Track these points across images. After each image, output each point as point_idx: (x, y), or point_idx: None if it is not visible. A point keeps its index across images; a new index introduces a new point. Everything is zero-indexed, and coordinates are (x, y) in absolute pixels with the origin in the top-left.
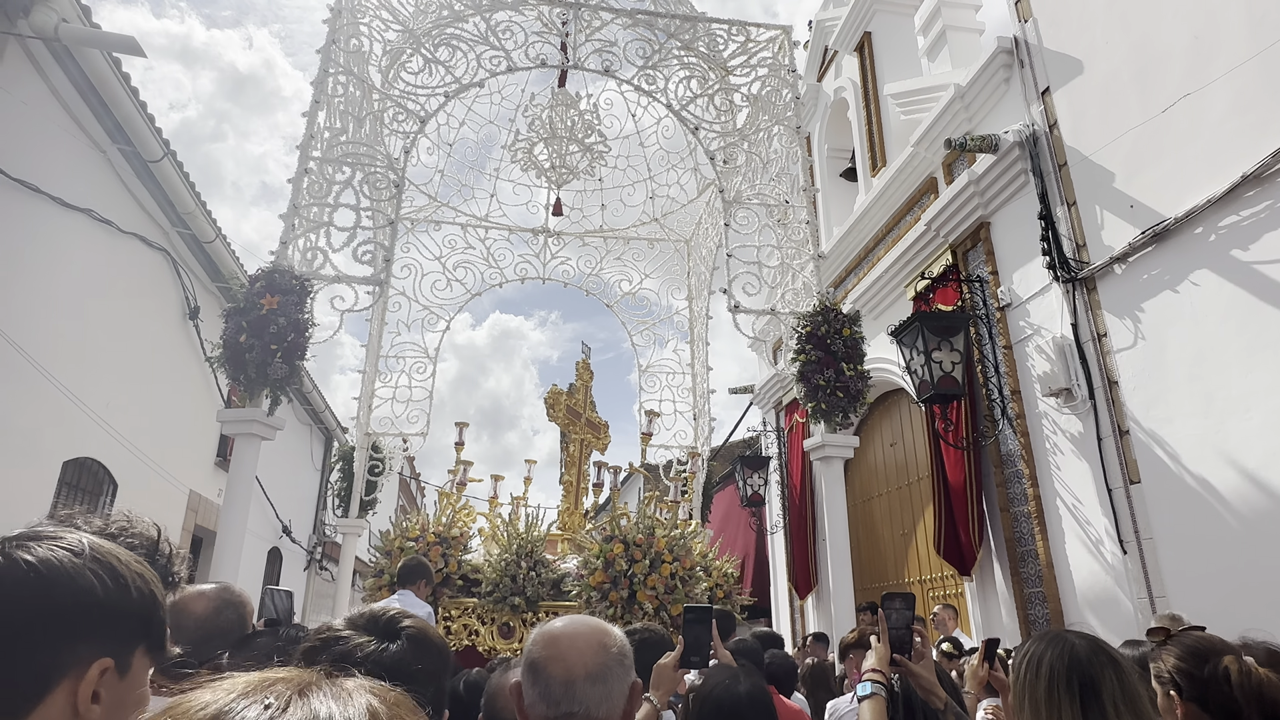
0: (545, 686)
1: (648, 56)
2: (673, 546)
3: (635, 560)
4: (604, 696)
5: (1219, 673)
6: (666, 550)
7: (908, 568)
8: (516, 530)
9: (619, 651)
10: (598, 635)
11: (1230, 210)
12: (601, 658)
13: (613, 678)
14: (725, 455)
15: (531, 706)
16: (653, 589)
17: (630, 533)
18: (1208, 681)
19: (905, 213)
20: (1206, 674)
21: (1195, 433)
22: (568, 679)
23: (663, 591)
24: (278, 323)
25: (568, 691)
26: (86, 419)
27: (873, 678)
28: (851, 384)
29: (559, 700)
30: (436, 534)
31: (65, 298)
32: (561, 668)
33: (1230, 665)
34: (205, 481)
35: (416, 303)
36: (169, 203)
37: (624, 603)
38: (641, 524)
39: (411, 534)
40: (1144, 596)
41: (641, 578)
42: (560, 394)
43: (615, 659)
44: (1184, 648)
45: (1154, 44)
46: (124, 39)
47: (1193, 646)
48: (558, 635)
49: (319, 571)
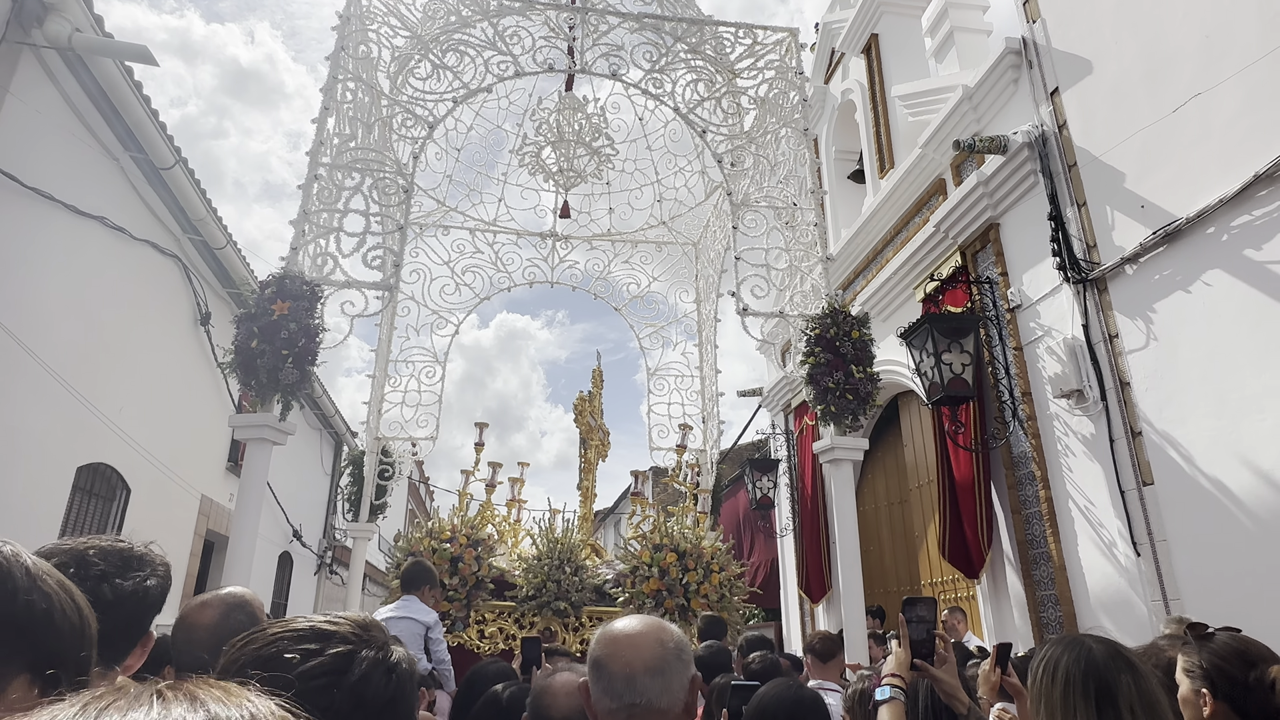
0: (608, 682)
1: (655, 60)
2: (717, 555)
3: (689, 569)
4: (664, 688)
5: (1265, 681)
6: (712, 559)
7: (919, 570)
8: (553, 535)
9: (676, 646)
10: (655, 632)
11: (1242, 210)
12: (659, 652)
13: (671, 671)
14: (734, 458)
15: (597, 701)
16: (705, 597)
17: (681, 543)
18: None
19: (914, 214)
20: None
21: (1209, 434)
22: (629, 674)
23: (715, 600)
24: (289, 328)
25: (629, 685)
26: (100, 424)
27: (892, 682)
28: (861, 386)
29: (621, 693)
30: (468, 536)
31: (78, 304)
32: (622, 663)
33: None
34: (217, 486)
35: (425, 307)
36: (180, 209)
37: (679, 610)
38: (689, 535)
39: (443, 535)
40: (1158, 599)
41: (695, 586)
42: (585, 400)
43: (673, 653)
44: (1227, 647)
45: (1164, 43)
46: (137, 48)
47: (1237, 649)
48: (617, 634)
49: (329, 576)
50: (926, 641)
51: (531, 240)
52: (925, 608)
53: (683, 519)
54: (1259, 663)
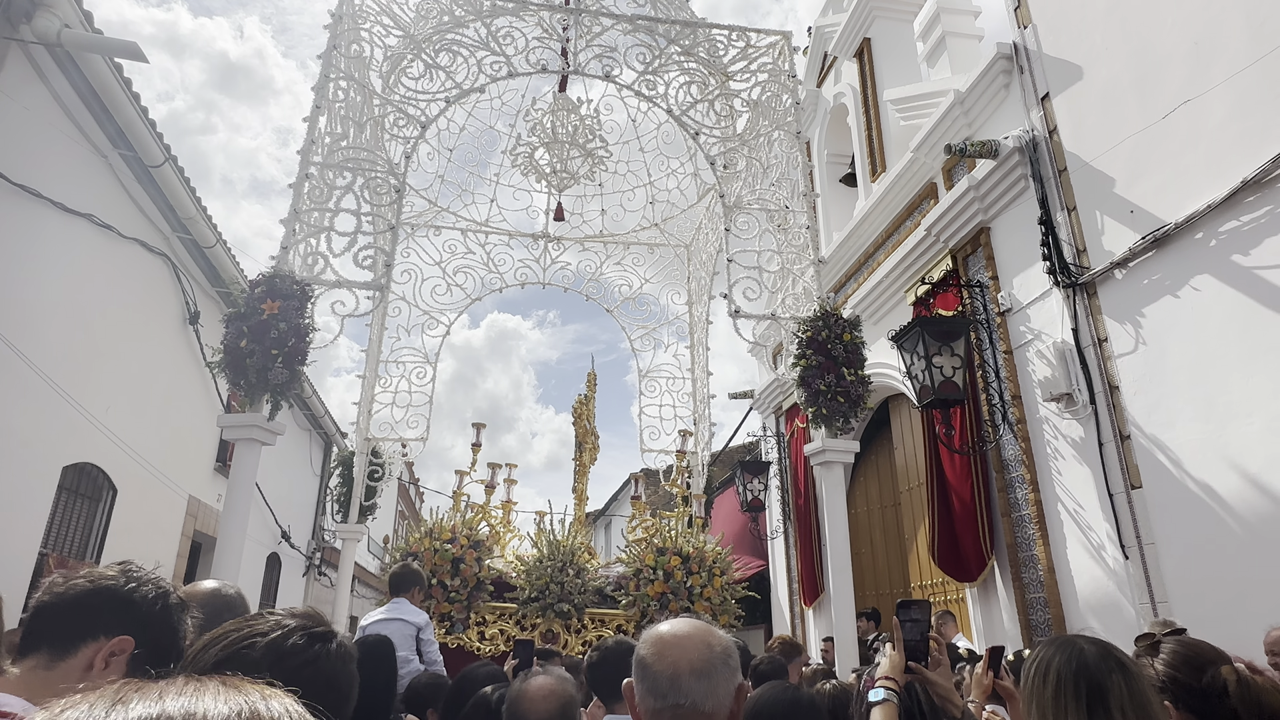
0: (653, 681)
1: (648, 62)
2: (718, 559)
3: (693, 573)
4: (709, 691)
5: (1217, 684)
6: (714, 563)
7: (910, 573)
8: (553, 538)
9: (723, 651)
10: (703, 635)
11: (1230, 215)
12: (706, 654)
13: (717, 675)
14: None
15: (641, 700)
16: (708, 600)
17: (684, 547)
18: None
19: (905, 218)
20: (1204, 684)
21: (1196, 438)
22: (674, 674)
23: (718, 603)
24: (278, 328)
25: (674, 685)
26: (86, 424)
27: (886, 684)
28: (852, 389)
29: (665, 693)
30: (468, 537)
31: (65, 303)
32: (668, 664)
33: (1228, 676)
34: (205, 486)
35: (416, 307)
36: (170, 208)
37: (683, 613)
38: (691, 539)
39: (444, 535)
40: (1146, 601)
41: (699, 590)
42: (583, 403)
43: (720, 657)
44: (1176, 656)
45: (1154, 50)
46: (126, 44)
47: (1185, 655)
48: (664, 635)
49: (318, 577)
50: (921, 644)
51: (523, 241)
52: (920, 610)
53: (681, 522)
54: (1208, 665)
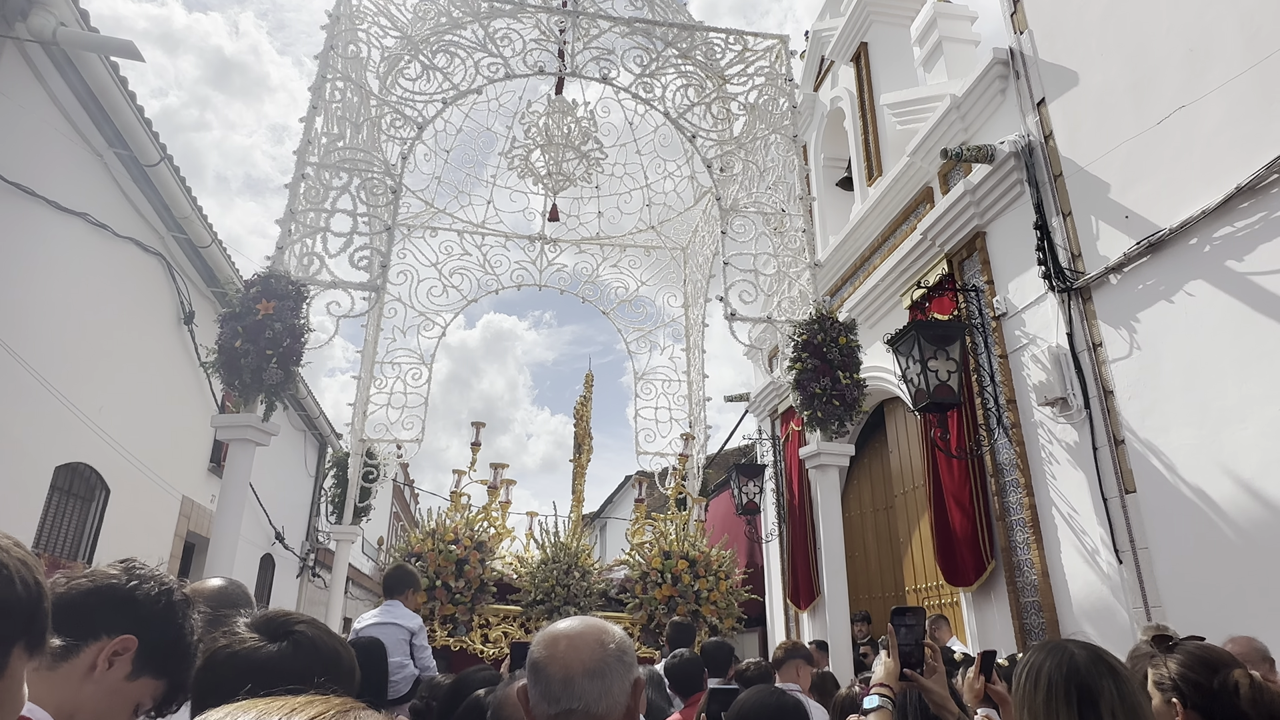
0: (546, 685)
1: (645, 64)
2: (723, 563)
3: (700, 576)
4: (603, 692)
5: (1229, 686)
6: (719, 568)
7: (904, 576)
8: (557, 540)
9: (617, 649)
10: (596, 634)
11: (1225, 221)
12: (599, 654)
13: (611, 674)
14: (720, 463)
15: (535, 706)
16: (715, 603)
17: (690, 551)
18: (1217, 694)
19: (901, 222)
20: (1216, 686)
21: (1190, 442)
22: (566, 676)
23: (724, 606)
24: (273, 328)
25: (566, 688)
26: (79, 423)
27: (880, 691)
28: (847, 392)
29: (559, 697)
30: (472, 539)
31: (59, 301)
32: (560, 666)
33: (1241, 680)
34: (198, 487)
35: (412, 308)
36: (165, 207)
37: (691, 616)
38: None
39: (447, 537)
40: (1140, 606)
41: (706, 593)
42: (583, 404)
43: (614, 656)
44: (1191, 656)
45: (1149, 56)
46: (122, 43)
47: (1201, 656)
48: (558, 636)
49: (312, 579)
50: (916, 651)
51: (520, 243)
52: (914, 617)
53: (684, 525)
54: (1221, 668)
